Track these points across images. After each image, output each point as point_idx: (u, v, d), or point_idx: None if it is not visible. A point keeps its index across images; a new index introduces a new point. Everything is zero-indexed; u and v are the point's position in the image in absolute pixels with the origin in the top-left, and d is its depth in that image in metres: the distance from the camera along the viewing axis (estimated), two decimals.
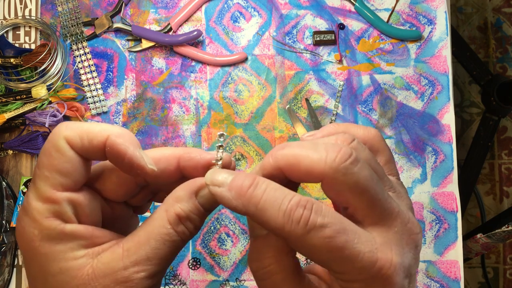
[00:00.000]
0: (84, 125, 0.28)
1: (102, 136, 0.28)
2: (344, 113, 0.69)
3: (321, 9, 0.70)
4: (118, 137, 0.28)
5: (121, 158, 0.28)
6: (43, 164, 0.27)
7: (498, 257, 1.44)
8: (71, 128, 0.28)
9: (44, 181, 0.27)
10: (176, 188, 0.29)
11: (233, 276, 0.66)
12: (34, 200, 0.27)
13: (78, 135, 0.28)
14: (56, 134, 0.28)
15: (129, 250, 0.27)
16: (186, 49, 0.69)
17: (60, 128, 0.28)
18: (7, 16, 0.70)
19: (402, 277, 0.25)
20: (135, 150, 0.28)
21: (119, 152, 0.28)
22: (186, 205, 0.28)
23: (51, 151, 0.27)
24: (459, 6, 1.51)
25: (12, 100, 0.66)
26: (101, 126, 0.28)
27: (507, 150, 1.47)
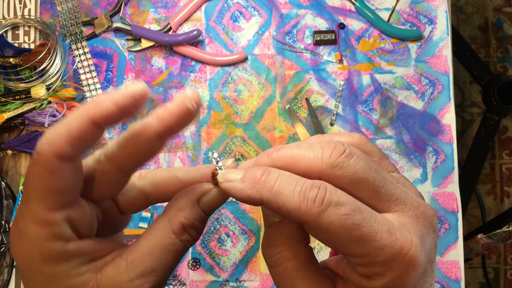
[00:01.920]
0: (61, 127, 0.25)
1: (85, 120, 0.25)
2: (344, 113, 0.69)
3: (321, 8, 0.70)
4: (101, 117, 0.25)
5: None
6: (35, 186, 0.25)
7: (499, 258, 1.43)
8: (54, 140, 0.24)
9: (39, 203, 0.25)
10: (176, 196, 0.29)
11: (233, 277, 0.66)
12: (30, 224, 0.25)
13: (67, 143, 0.25)
14: (43, 155, 0.24)
15: (134, 262, 0.27)
16: (186, 49, 0.69)
17: (43, 146, 0.25)
18: (6, 16, 0.70)
19: (425, 260, 0.25)
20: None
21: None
22: (190, 213, 0.28)
23: (42, 173, 0.25)
24: (459, 6, 1.51)
25: (11, 100, 0.66)
26: (74, 113, 0.25)
27: (507, 150, 1.47)
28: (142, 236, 0.28)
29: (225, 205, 0.67)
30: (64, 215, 0.26)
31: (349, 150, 0.25)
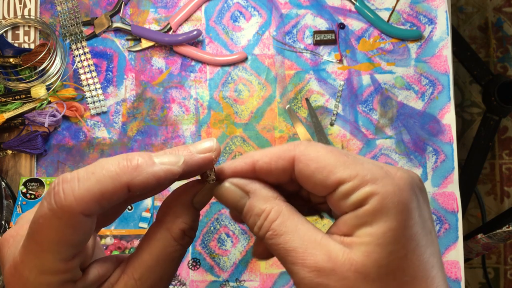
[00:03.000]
0: (93, 184, 0.23)
1: (122, 185, 0.24)
2: (344, 113, 0.69)
3: (321, 8, 0.70)
4: (138, 176, 0.25)
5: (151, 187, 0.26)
6: (50, 239, 0.24)
7: (499, 258, 1.43)
8: (84, 198, 0.23)
9: (54, 256, 0.24)
10: (169, 201, 0.29)
11: (233, 277, 0.66)
12: (39, 274, 0.24)
13: (96, 203, 0.24)
14: (67, 211, 0.23)
15: (142, 278, 0.27)
16: (186, 49, 0.69)
17: (70, 201, 0.23)
18: (6, 16, 0.70)
19: (416, 206, 0.26)
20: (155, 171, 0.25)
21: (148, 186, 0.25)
22: (188, 217, 0.28)
23: (61, 228, 0.23)
24: (459, 6, 1.51)
25: (11, 100, 0.66)
26: (108, 171, 0.24)
27: (507, 150, 1.47)
28: (141, 249, 0.28)
29: None
30: (78, 262, 0.25)
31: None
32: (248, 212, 0.28)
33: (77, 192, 0.23)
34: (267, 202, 0.28)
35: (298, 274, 0.26)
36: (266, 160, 0.28)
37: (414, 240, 0.25)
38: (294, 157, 0.28)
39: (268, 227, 0.27)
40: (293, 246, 0.26)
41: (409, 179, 0.26)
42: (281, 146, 0.28)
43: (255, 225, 0.28)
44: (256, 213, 0.28)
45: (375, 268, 0.25)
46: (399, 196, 0.25)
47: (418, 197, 0.26)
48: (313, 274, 0.25)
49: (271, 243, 0.27)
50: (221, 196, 0.29)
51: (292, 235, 0.26)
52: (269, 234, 0.27)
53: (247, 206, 0.28)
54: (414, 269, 0.25)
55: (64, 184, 0.23)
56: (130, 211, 0.66)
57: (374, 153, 0.68)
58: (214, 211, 0.67)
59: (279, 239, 0.26)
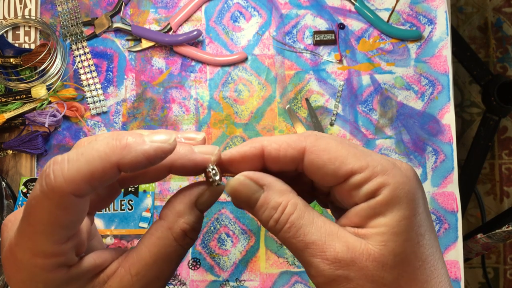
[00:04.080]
0: (83, 165, 0.23)
1: (111, 164, 0.24)
2: (344, 113, 0.69)
3: (321, 9, 0.70)
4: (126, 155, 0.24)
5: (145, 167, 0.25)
6: (43, 220, 0.24)
7: (498, 257, 1.43)
8: (74, 178, 0.23)
9: (46, 238, 0.24)
10: (173, 201, 0.28)
11: (233, 276, 0.66)
12: (32, 256, 0.24)
13: (86, 183, 0.23)
14: (58, 191, 0.23)
15: (138, 274, 0.27)
16: (186, 49, 0.69)
17: (60, 181, 0.23)
18: (7, 16, 0.70)
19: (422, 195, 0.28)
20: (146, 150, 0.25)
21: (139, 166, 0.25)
22: (190, 218, 0.28)
23: (54, 209, 0.23)
24: (459, 6, 1.51)
25: (11, 100, 0.66)
26: (98, 151, 0.24)
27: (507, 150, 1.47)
28: (142, 244, 0.27)
29: (225, 205, 0.68)
30: (71, 246, 0.25)
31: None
32: (263, 205, 0.28)
33: (67, 173, 0.23)
34: (283, 195, 0.28)
35: (318, 266, 0.26)
36: (275, 146, 0.28)
37: (423, 226, 0.27)
38: (305, 148, 0.28)
39: (286, 220, 0.27)
40: (312, 239, 0.26)
41: (413, 170, 0.28)
42: (291, 135, 0.29)
43: (271, 218, 0.27)
44: (272, 206, 0.27)
45: (391, 256, 0.26)
46: (409, 185, 0.27)
47: (421, 187, 0.28)
48: (333, 266, 0.26)
49: (289, 236, 0.27)
50: (234, 190, 0.28)
51: (310, 227, 0.27)
52: (286, 227, 0.27)
53: (261, 200, 0.28)
54: (425, 253, 0.27)
55: (54, 165, 0.23)
56: (131, 211, 0.67)
57: None
58: (214, 211, 0.67)
59: (297, 232, 0.27)
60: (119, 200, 0.67)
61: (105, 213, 0.66)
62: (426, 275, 0.27)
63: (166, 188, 0.67)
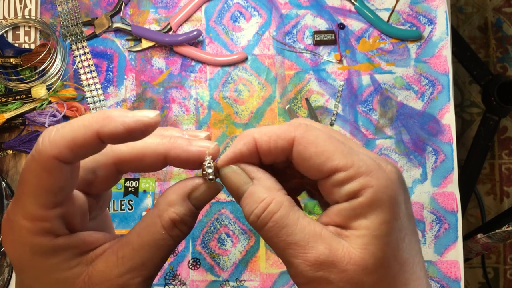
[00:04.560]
0: (66, 131, 0.25)
1: (92, 132, 0.25)
2: (344, 113, 0.69)
3: (321, 9, 0.70)
4: (106, 125, 0.25)
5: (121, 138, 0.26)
6: (31, 183, 0.25)
7: (498, 257, 1.43)
8: (57, 142, 0.24)
9: (32, 200, 0.25)
10: (167, 191, 0.29)
11: (233, 276, 0.66)
12: (21, 218, 0.26)
13: (69, 148, 0.25)
14: (43, 154, 0.24)
15: (124, 257, 0.27)
16: (186, 49, 0.69)
17: (45, 145, 0.25)
18: (7, 16, 0.70)
19: (403, 198, 0.28)
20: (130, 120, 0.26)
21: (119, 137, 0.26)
22: (180, 209, 0.28)
23: (39, 172, 0.25)
24: (459, 6, 1.51)
25: (11, 100, 0.66)
26: (82, 120, 0.25)
27: (507, 150, 1.47)
28: (132, 230, 0.28)
29: (225, 205, 0.68)
30: (57, 213, 0.26)
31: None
32: (247, 197, 0.28)
33: (52, 137, 0.25)
34: (269, 191, 0.28)
35: (298, 267, 0.26)
36: (266, 139, 0.29)
37: (403, 230, 0.27)
38: (294, 138, 0.28)
39: (268, 218, 0.27)
40: (295, 240, 0.27)
41: (398, 173, 0.28)
42: (281, 126, 0.29)
43: (252, 212, 0.28)
44: (254, 200, 0.28)
45: (372, 259, 0.26)
46: (391, 189, 0.27)
47: (405, 190, 0.28)
48: (314, 268, 0.26)
49: (271, 235, 0.27)
50: (226, 177, 0.29)
51: (294, 228, 0.27)
52: (269, 226, 0.27)
53: (247, 192, 0.28)
54: (404, 257, 0.27)
55: (45, 132, 0.25)
56: (131, 211, 0.67)
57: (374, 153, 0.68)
58: (214, 211, 0.67)
59: (280, 231, 0.27)
60: (119, 200, 0.67)
61: None
62: (405, 278, 0.27)
63: (166, 188, 0.67)
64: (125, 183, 0.67)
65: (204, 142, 0.29)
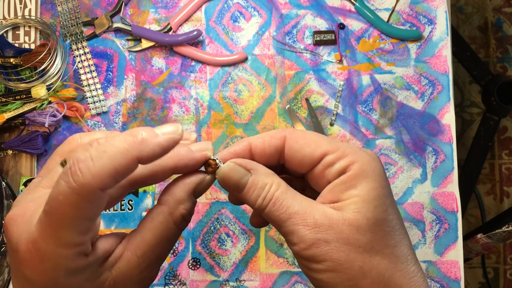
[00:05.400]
0: (106, 161, 0.25)
1: (132, 158, 0.26)
2: (344, 113, 0.69)
3: (321, 9, 0.70)
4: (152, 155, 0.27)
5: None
6: (70, 214, 0.26)
7: (498, 257, 1.43)
8: (100, 174, 0.25)
9: (71, 230, 0.26)
10: (173, 189, 0.32)
11: (233, 276, 0.66)
12: (58, 247, 0.26)
13: (112, 178, 0.26)
14: (86, 187, 0.25)
15: (143, 256, 0.30)
16: (186, 49, 0.69)
17: (87, 178, 0.25)
18: (7, 16, 0.70)
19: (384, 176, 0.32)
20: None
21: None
22: (188, 205, 0.31)
23: (82, 204, 0.26)
24: (459, 6, 1.51)
25: (11, 100, 0.66)
26: (117, 147, 0.26)
27: (507, 150, 1.47)
28: (143, 228, 0.31)
29: (225, 205, 0.68)
30: (90, 236, 0.28)
31: None
32: (251, 187, 0.32)
33: (93, 170, 0.25)
34: (268, 176, 0.32)
35: (299, 232, 0.30)
36: (260, 140, 0.33)
37: (389, 197, 0.31)
38: (285, 136, 0.33)
39: (271, 196, 0.31)
40: (295, 210, 0.31)
41: (376, 155, 0.33)
42: (272, 130, 0.34)
43: (259, 196, 0.31)
44: (260, 187, 0.31)
45: (364, 220, 0.30)
46: (374, 163, 0.32)
47: (384, 169, 0.33)
48: (314, 231, 0.30)
49: (274, 209, 0.31)
50: (225, 175, 0.32)
51: (293, 200, 0.31)
52: (272, 202, 0.31)
53: (250, 182, 0.32)
54: (393, 222, 0.31)
55: (80, 164, 0.25)
56: (131, 211, 0.67)
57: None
58: (214, 211, 0.67)
59: (281, 204, 0.31)
60: None
61: (105, 213, 0.66)
62: (395, 240, 0.31)
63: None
64: None
65: (201, 145, 0.32)
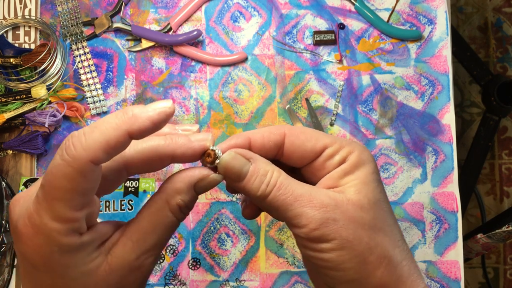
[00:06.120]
0: (98, 135, 0.26)
1: (123, 132, 0.27)
2: (344, 113, 0.69)
3: (321, 9, 0.70)
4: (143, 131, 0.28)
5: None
6: (63, 187, 0.26)
7: (498, 257, 1.43)
8: (92, 147, 0.26)
9: (64, 204, 0.27)
10: (174, 178, 0.32)
11: (233, 276, 0.66)
12: (51, 221, 0.27)
13: (103, 151, 0.26)
14: (78, 159, 0.26)
15: (139, 241, 0.30)
16: (186, 49, 0.69)
17: (79, 150, 0.26)
18: (7, 16, 0.70)
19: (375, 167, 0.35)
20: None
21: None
22: (186, 197, 0.31)
23: (74, 176, 0.26)
24: (459, 6, 1.51)
25: (11, 100, 0.66)
26: (109, 123, 0.27)
27: (507, 150, 1.47)
28: (140, 215, 0.31)
29: (225, 205, 0.68)
30: (84, 213, 0.28)
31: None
32: (253, 174, 0.32)
33: (85, 143, 0.26)
34: (268, 164, 0.33)
35: (308, 213, 0.31)
36: (259, 135, 0.34)
37: (381, 182, 0.34)
38: (284, 132, 0.34)
39: (275, 181, 0.32)
40: (300, 192, 0.32)
41: (366, 147, 0.35)
42: (270, 126, 0.35)
43: (263, 183, 0.32)
44: (262, 173, 0.32)
45: (366, 199, 0.32)
46: (368, 153, 0.34)
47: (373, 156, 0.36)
48: (322, 211, 0.31)
49: (279, 194, 0.32)
50: (227, 164, 0.32)
51: (296, 185, 0.32)
52: (277, 187, 0.32)
53: (251, 170, 0.32)
54: (387, 203, 0.34)
55: (73, 138, 0.27)
56: (131, 211, 0.67)
57: (374, 153, 0.68)
58: (214, 211, 0.67)
59: (286, 188, 0.32)
60: (119, 200, 0.67)
61: (105, 213, 0.66)
62: (393, 220, 0.33)
63: None
64: (125, 183, 0.67)
65: (201, 136, 0.32)
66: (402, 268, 0.32)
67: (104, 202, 0.66)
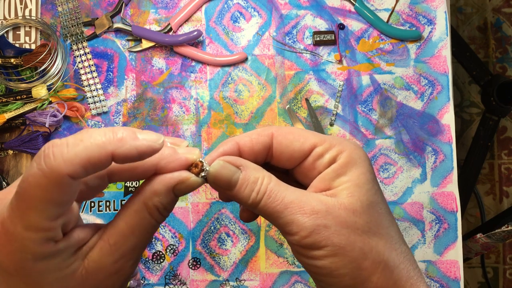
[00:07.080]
0: (81, 150, 0.25)
1: (107, 153, 0.26)
2: (344, 113, 0.69)
3: (321, 9, 0.70)
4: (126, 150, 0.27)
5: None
6: (38, 197, 0.25)
7: (498, 257, 1.44)
8: (72, 161, 0.25)
9: (38, 213, 0.26)
10: (153, 180, 0.31)
11: (233, 276, 0.66)
12: (23, 230, 0.26)
13: (83, 167, 0.25)
14: (56, 171, 0.25)
15: (116, 244, 0.29)
16: (186, 49, 0.69)
17: (59, 162, 0.25)
18: (7, 16, 0.70)
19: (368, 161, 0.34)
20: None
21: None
22: (165, 199, 0.30)
23: (50, 187, 0.25)
24: (459, 6, 1.51)
25: (12, 100, 0.66)
26: (95, 139, 0.26)
27: (506, 150, 1.47)
28: (119, 217, 0.30)
29: (225, 205, 0.68)
30: (60, 223, 0.27)
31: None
32: (244, 182, 0.32)
33: (66, 155, 0.25)
34: (258, 171, 0.32)
35: (299, 221, 0.30)
36: (247, 139, 0.33)
37: (376, 182, 0.33)
38: (272, 133, 0.33)
39: (265, 189, 0.31)
40: (290, 199, 0.31)
41: (359, 145, 0.34)
42: (258, 128, 0.34)
43: (253, 191, 0.31)
44: (252, 181, 0.32)
45: (358, 203, 0.31)
46: (360, 151, 0.33)
47: (367, 154, 0.34)
48: (313, 217, 0.30)
49: (269, 202, 0.31)
50: (216, 174, 0.31)
51: (286, 192, 0.31)
52: (267, 195, 0.31)
53: (242, 178, 0.32)
54: (383, 204, 0.33)
55: (54, 147, 0.25)
56: None
57: (374, 153, 0.68)
58: (214, 211, 0.68)
59: (276, 196, 0.31)
60: (119, 200, 0.67)
61: (105, 213, 0.66)
62: (388, 221, 0.32)
63: None
64: (125, 183, 0.67)
65: (188, 149, 0.32)
66: (400, 271, 0.31)
67: (104, 202, 0.66)
